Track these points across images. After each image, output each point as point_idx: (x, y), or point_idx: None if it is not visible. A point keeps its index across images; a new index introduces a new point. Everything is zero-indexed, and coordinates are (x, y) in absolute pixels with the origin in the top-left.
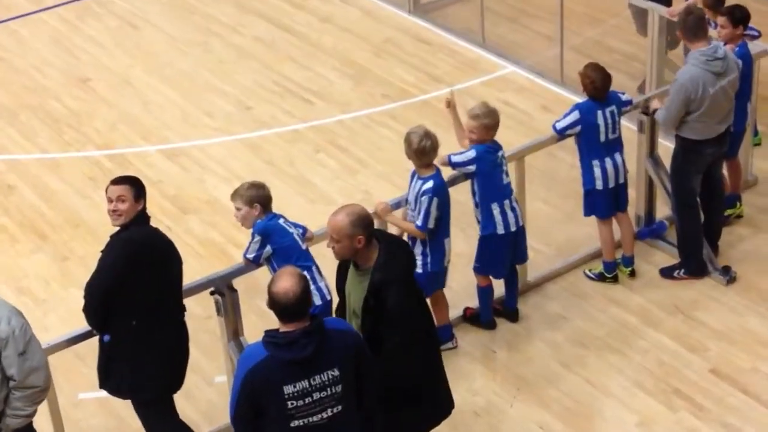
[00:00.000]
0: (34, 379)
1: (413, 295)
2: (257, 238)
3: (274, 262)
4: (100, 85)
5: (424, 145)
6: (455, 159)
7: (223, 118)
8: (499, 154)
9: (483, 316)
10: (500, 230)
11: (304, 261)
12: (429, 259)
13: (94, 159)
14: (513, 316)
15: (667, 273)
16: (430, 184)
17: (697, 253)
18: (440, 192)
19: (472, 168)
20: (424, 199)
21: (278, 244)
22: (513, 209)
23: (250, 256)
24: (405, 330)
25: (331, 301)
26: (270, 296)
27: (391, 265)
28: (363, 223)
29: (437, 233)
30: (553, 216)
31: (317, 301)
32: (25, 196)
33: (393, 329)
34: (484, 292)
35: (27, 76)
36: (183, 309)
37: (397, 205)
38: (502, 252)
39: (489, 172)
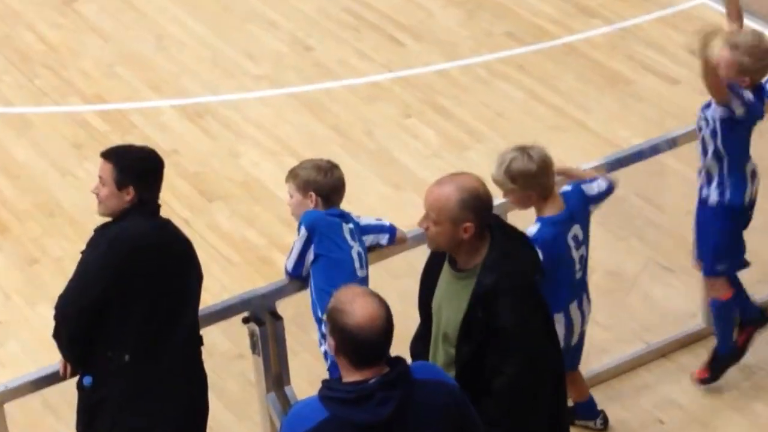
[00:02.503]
0: None
1: (538, 309)
2: (303, 233)
3: (313, 277)
4: (91, 7)
5: (534, 167)
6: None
7: (269, 61)
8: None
9: (723, 345)
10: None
11: None
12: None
13: (80, 116)
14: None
15: None
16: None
17: None
18: None
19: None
20: None
21: (324, 250)
22: None
23: (290, 265)
24: (525, 359)
25: None
26: (345, 330)
27: (509, 266)
28: (478, 204)
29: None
30: (757, 219)
31: None
32: None
33: (507, 357)
34: (728, 308)
35: None
36: (200, 342)
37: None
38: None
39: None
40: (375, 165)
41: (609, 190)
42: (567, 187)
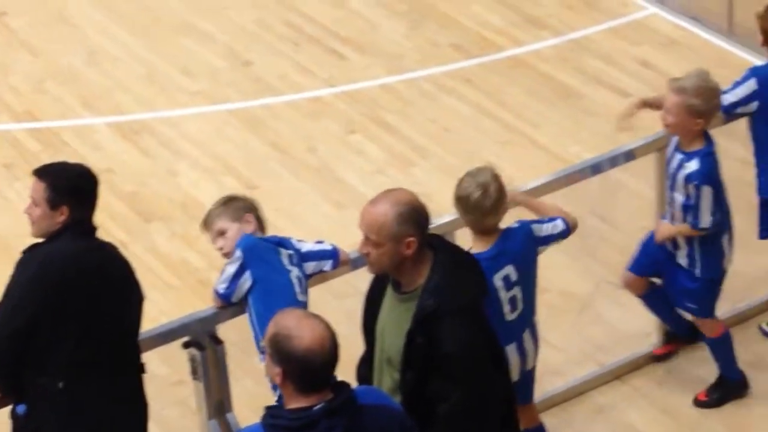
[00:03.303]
0: None
1: (483, 332)
2: (237, 255)
3: (251, 305)
4: (21, 21)
5: (470, 195)
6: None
7: (206, 76)
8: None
9: (730, 373)
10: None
11: None
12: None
13: (10, 135)
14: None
15: None
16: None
17: None
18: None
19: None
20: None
21: (262, 278)
22: None
23: (221, 288)
24: (470, 385)
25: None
26: (294, 355)
27: (451, 288)
28: (416, 216)
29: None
30: None
31: None
32: None
33: (451, 383)
34: (725, 342)
35: None
36: (140, 368)
37: None
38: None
39: None
40: (317, 183)
41: (564, 233)
42: (514, 224)
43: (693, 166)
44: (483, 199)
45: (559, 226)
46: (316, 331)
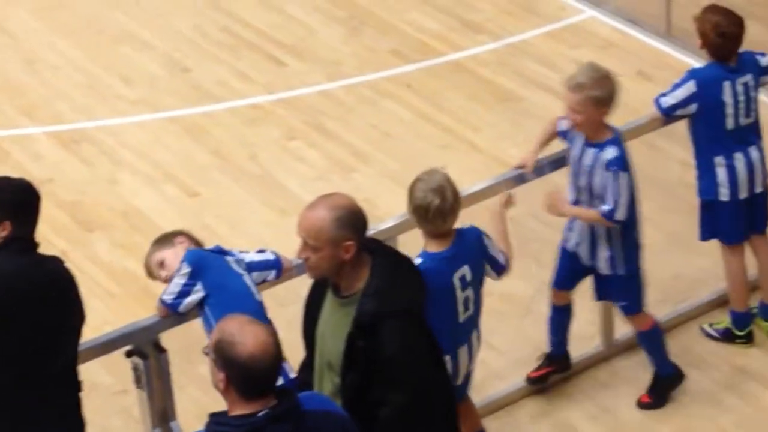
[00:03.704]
0: None
1: (424, 336)
2: (185, 269)
3: (210, 314)
4: None
5: (430, 203)
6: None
7: (145, 84)
8: None
9: (662, 368)
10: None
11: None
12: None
13: None
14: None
15: None
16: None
17: None
18: None
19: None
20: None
21: (217, 285)
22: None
23: (168, 298)
24: (411, 389)
25: (296, 380)
26: (237, 361)
27: (390, 291)
28: (354, 220)
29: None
30: (654, 240)
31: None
32: None
33: (392, 387)
34: (654, 335)
35: None
36: (78, 387)
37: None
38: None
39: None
40: (259, 190)
41: (501, 269)
42: (464, 226)
43: (611, 153)
44: (443, 205)
45: (501, 258)
46: (260, 337)
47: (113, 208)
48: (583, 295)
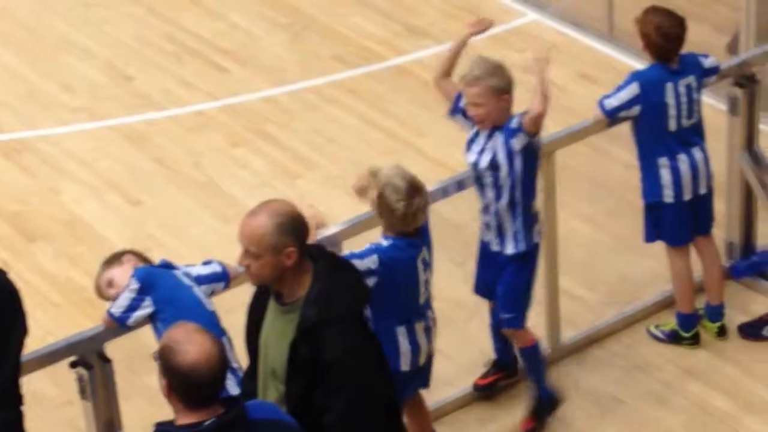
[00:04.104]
0: None
1: (367, 340)
2: (134, 284)
3: (162, 329)
4: None
5: (415, 210)
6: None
7: (87, 93)
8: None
9: (543, 392)
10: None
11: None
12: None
13: None
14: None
15: (750, 331)
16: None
17: None
18: None
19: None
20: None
21: (167, 300)
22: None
23: (116, 311)
24: (355, 394)
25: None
26: (179, 369)
27: (333, 297)
28: (295, 226)
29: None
30: (599, 243)
31: (232, 389)
32: None
33: (336, 392)
34: (536, 351)
35: None
36: (19, 401)
37: None
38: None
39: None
40: (203, 197)
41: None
42: None
43: (514, 120)
44: (422, 201)
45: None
46: (204, 346)
47: (56, 217)
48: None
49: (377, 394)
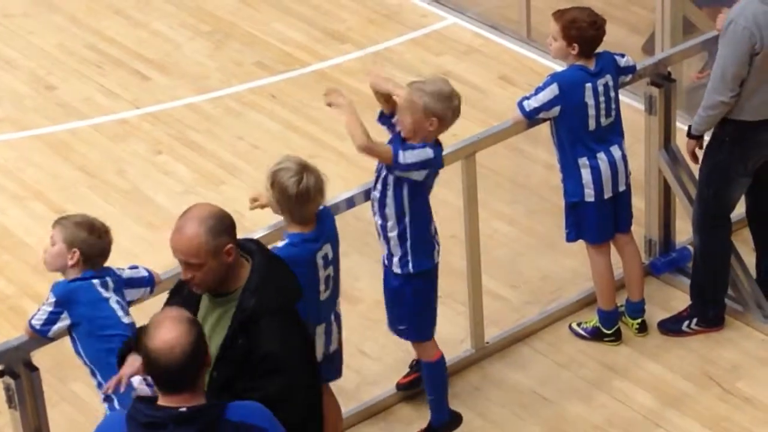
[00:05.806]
0: None
1: (298, 333)
2: (51, 299)
3: (78, 342)
4: None
5: (306, 186)
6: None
7: (10, 102)
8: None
9: (441, 415)
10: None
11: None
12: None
13: None
14: None
15: (670, 327)
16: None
17: (718, 293)
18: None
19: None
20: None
21: (83, 316)
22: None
23: (36, 323)
24: (281, 379)
25: None
26: (143, 351)
27: (270, 289)
28: (225, 223)
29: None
30: (521, 242)
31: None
32: None
33: (268, 380)
34: (437, 368)
35: None
36: None
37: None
38: None
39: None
40: (128, 205)
41: None
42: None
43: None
44: (318, 183)
45: None
46: (170, 334)
47: None
48: (453, 298)
49: (301, 387)
